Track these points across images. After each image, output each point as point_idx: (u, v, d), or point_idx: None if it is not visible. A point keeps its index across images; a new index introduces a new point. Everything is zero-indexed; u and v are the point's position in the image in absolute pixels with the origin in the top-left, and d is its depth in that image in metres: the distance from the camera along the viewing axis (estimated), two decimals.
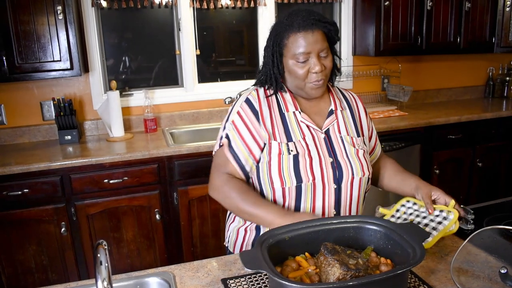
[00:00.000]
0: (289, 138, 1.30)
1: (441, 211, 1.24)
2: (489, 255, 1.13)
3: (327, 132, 1.34)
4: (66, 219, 2.30)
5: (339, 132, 1.35)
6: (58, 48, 2.39)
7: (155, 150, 2.38)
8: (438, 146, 3.00)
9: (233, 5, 3.01)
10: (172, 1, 2.91)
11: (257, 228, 1.35)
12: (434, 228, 1.19)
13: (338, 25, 3.27)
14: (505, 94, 3.69)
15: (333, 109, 1.38)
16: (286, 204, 1.30)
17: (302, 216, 1.14)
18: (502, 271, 0.97)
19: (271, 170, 1.28)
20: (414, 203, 1.35)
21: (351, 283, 0.81)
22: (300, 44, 1.25)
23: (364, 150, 1.36)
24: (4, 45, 2.30)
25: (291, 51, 1.27)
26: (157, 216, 2.42)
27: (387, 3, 2.95)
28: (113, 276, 1.06)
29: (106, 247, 0.81)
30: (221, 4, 2.99)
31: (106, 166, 2.31)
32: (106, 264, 0.79)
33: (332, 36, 1.30)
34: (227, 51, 3.22)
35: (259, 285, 1.06)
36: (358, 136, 1.39)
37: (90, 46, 2.77)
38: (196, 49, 3.00)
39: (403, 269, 0.84)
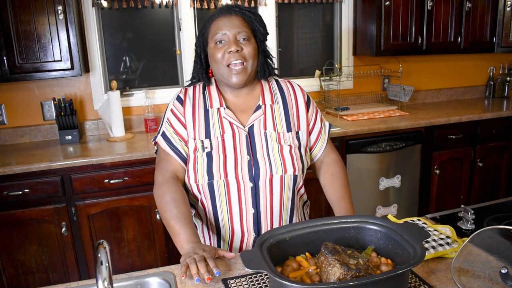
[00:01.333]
0: (207, 135, 1.32)
1: (448, 237, 1.25)
2: (489, 255, 1.13)
3: (250, 129, 1.33)
4: (67, 219, 2.30)
5: (265, 128, 1.34)
6: (58, 48, 2.40)
7: None
8: (438, 146, 3.00)
9: None
10: (172, 1, 2.91)
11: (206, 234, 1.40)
12: (433, 247, 1.19)
13: (338, 25, 3.32)
14: (505, 94, 3.69)
15: (261, 104, 1.36)
16: (204, 200, 1.32)
17: (207, 247, 1.14)
18: (503, 271, 0.97)
19: (188, 166, 1.32)
20: (424, 223, 1.35)
21: (351, 283, 0.81)
22: (218, 26, 1.30)
23: (292, 146, 1.33)
24: (4, 45, 2.30)
25: (211, 35, 1.31)
26: (158, 216, 2.42)
27: (387, 3, 2.95)
28: (113, 276, 1.06)
29: (106, 247, 0.81)
30: (221, 4, 2.99)
31: (106, 166, 2.31)
32: (107, 264, 0.79)
33: (256, 27, 1.33)
34: None
35: (260, 285, 1.06)
36: (289, 131, 1.35)
37: (91, 46, 2.77)
38: None
39: (404, 269, 0.84)
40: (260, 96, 1.38)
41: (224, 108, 1.34)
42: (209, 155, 1.29)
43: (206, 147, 1.30)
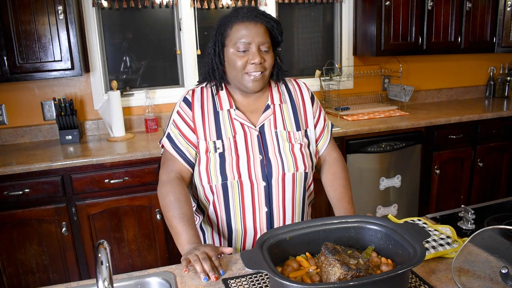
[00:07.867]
0: (218, 136, 1.31)
1: (448, 237, 1.25)
2: (490, 255, 1.13)
3: (261, 129, 1.34)
4: (67, 219, 2.30)
5: (275, 127, 1.35)
6: (59, 48, 2.40)
7: (156, 150, 2.38)
8: (439, 146, 3.00)
9: (234, 5, 3.01)
10: (172, 1, 2.91)
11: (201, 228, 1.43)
12: (433, 247, 1.19)
13: (338, 25, 3.32)
14: (506, 94, 3.69)
15: (269, 103, 1.37)
16: (216, 201, 1.32)
17: (208, 246, 1.14)
18: (503, 271, 0.97)
19: (200, 167, 1.32)
20: (424, 223, 1.36)
21: (352, 283, 0.81)
22: (242, 33, 1.26)
23: (302, 145, 1.35)
24: (5, 45, 2.30)
25: (232, 40, 1.28)
26: (158, 216, 2.42)
27: (387, 3, 2.95)
28: (114, 276, 1.06)
29: (107, 247, 0.81)
30: (222, 4, 2.99)
31: (107, 166, 2.31)
32: (107, 264, 0.79)
33: (275, 36, 1.32)
34: None
35: (260, 285, 1.06)
36: (298, 130, 1.37)
37: (91, 46, 2.77)
38: (197, 48, 3.00)
39: (404, 269, 0.84)
40: (269, 96, 1.39)
41: (234, 109, 1.34)
42: (222, 156, 1.29)
43: (218, 148, 1.30)
